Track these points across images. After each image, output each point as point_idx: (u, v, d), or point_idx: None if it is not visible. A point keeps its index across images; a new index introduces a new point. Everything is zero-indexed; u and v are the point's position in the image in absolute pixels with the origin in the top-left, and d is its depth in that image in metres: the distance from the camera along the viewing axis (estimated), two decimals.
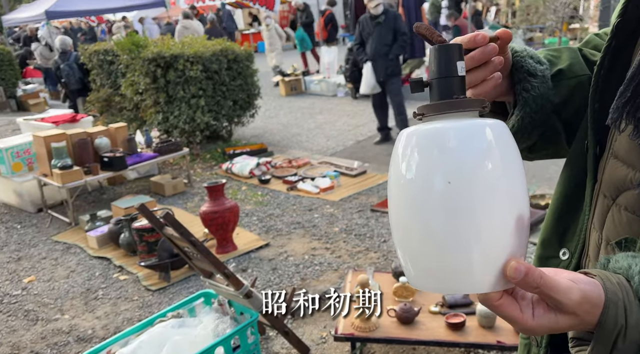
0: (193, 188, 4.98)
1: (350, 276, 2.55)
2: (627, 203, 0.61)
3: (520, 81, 0.71)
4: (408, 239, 0.49)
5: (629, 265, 0.48)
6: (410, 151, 0.49)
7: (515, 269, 0.45)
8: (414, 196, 0.48)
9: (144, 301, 3.08)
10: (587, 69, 0.76)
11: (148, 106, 5.85)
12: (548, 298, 0.46)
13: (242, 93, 6.16)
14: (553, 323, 0.46)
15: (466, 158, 0.46)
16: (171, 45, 5.71)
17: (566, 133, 0.77)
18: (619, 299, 0.46)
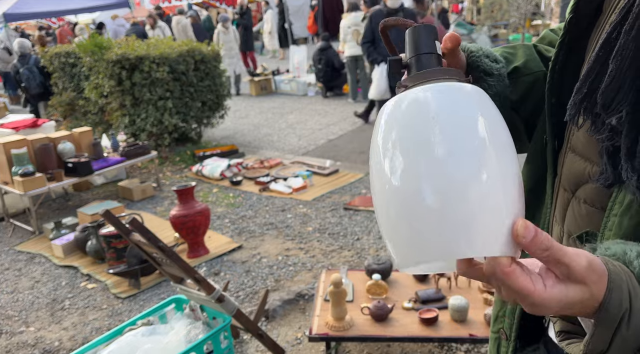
0: (162, 192, 4.89)
1: (324, 275, 2.54)
2: (586, 196, 0.62)
3: (477, 81, 0.71)
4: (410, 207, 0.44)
5: (624, 251, 0.47)
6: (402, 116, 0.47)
7: (525, 228, 0.43)
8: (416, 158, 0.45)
9: (113, 309, 2.99)
10: (542, 65, 0.77)
11: (114, 109, 5.70)
12: (557, 263, 0.44)
13: (210, 94, 6.08)
14: (564, 295, 0.44)
15: (465, 113, 0.45)
16: (136, 46, 5.58)
17: (526, 129, 0.78)
18: (622, 282, 0.44)
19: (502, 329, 0.79)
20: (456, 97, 0.47)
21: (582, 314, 0.45)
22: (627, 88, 0.51)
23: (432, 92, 0.47)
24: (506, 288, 0.44)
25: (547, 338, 0.75)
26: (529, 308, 0.44)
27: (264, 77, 9.83)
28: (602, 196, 0.59)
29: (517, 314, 0.76)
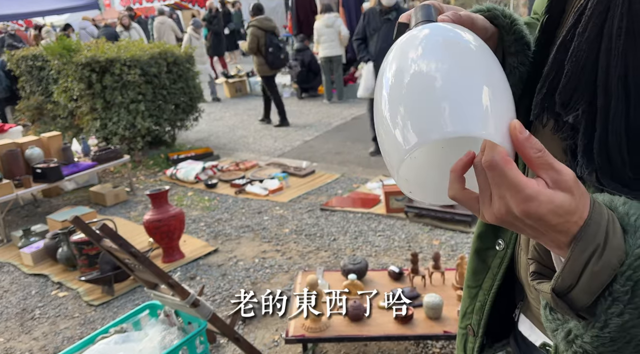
0: (136, 196, 4.81)
1: (300, 277, 2.54)
2: None
3: (518, 54, 0.65)
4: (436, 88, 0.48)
5: (611, 199, 0.48)
6: (415, 40, 0.54)
7: (521, 126, 0.46)
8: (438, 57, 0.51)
9: (85, 317, 2.93)
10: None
11: (84, 113, 5.58)
12: (549, 167, 0.45)
13: (184, 96, 6.01)
14: (555, 197, 0.44)
15: (465, 32, 0.55)
16: (106, 49, 5.48)
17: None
18: (602, 218, 0.45)
19: (470, 326, 0.80)
20: (458, 28, 0.56)
21: (561, 234, 0.45)
22: (583, 87, 0.53)
23: (436, 25, 0.56)
24: (501, 182, 0.44)
25: (516, 331, 0.76)
26: (521, 203, 0.44)
27: (239, 79, 9.77)
28: None
29: (485, 310, 0.78)
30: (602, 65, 0.52)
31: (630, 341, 0.44)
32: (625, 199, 0.47)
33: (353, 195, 4.33)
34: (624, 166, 0.52)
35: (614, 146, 0.51)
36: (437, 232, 3.48)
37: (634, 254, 0.43)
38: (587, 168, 0.54)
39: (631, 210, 0.45)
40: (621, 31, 0.50)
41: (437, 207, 3.52)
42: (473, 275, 0.82)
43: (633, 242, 0.43)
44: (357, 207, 4.03)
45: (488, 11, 0.65)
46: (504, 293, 0.78)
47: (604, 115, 0.52)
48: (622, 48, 0.50)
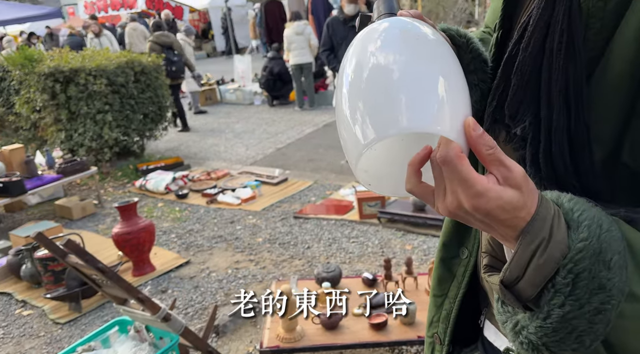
0: (104, 209, 4.69)
1: (274, 286, 2.51)
2: None
3: (477, 71, 0.66)
4: (391, 82, 0.49)
5: (558, 195, 0.49)
6: (374, 33, 0.54)
7: (475, 123, 0.46)
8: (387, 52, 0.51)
9: (52, 336, 2.83)
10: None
11: (48, 124, 5.42)
12: (500, 163, 0.46)
13: (152, 106, 5.91)
14: (504, 194, 0.45)
15: (422, 25, 0.54)
16: (70, 58, 5.34)
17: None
18: (548, 213, 0.46)
19: (437, 334, 0.81)
20: (417, 21, 0.56)
21: (509, 228, 0.46)
22: (529, 100, 0.56)
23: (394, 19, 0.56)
24: (453, 177, 0.45)
25: (483, 337, 0.77)
26: (471, 198, 0.45)
27: (209, 87, 9.69)
28: None
29: (451, 318, 0.78)
30: (545, 79, 0.54)
31: (572, 331, 0.45)
32: (571, 196, 0.49)
33: (326, 202, 4.33)
34: (567, 175, 0.54)
35: (557, 155, 0.54)
36: (409, 237, 3.51)
37: (576, 248, 0.44)
38: (534, 177, 0.56)
39: (576, 206, 0.47)
40: (561, 46, 0.53)
41: (409, 213, 3.55)
42: (438, 284, 0.82)
43: (575, 236, 0.45)
44: (331, 214, 4.03)
45: (443, 32, 0.66)
46: (470, 301, 0.79)
47: (547, 127, 0.54)
48: (563, 62, 0.53)
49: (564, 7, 0.52)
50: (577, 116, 0.53)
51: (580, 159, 0.53)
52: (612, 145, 0.53)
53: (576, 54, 0.52)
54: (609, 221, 0.47)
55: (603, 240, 0.45)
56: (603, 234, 0.45)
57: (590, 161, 0.53)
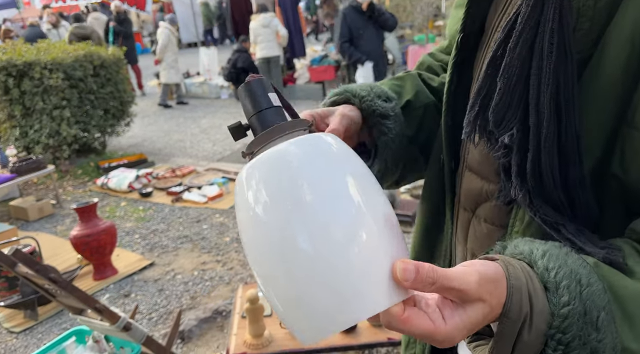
0: (63, 209, 4.49)
1: (240, 290, 2.44)
2: (485, 215, 0.62)
3: (376, 125, 0.69)
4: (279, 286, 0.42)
5: (531, 250, 0.45)
6: (255, 184, 0.43)
7: (404, 270, 0.41)
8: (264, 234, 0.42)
9: (6, 346, 2.68)
10: (430, 95, 0.78)
11: (1, 121, 5.15)
12: (448, 290, 0.41)
13: (113, 101, 5.69)
14: (465, 319, 0.41)
15: (315, 171, 0.42)
16: (24, 51, 5.07)
17: (424, 156, 0.78)
18: (522, 285, 0.42)
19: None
20: (311, 151, 0.44)
21: (488, 323, 0.44)
22: (516, 105, 0.51)
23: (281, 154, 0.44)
24: (411, 334, 0.42)
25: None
26: (436, 344, 0.42)
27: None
28: (502, 214, 0.58)
29: None
30: (534, 83, 0.50)
31: None
32: (544, 249, 0.45)
33: None
34: (555, 188, 0.50)
35: (546, 166, 0.50)
36: None
37: (560, 314, 0.41)
38: (520, 190, 0.52)
39: (550, 263, 0.43)
40: (552, 48, 0.49)
41: None
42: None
43: (556, 300, 0.41)
44: None
45: (340, 95, 0.70)
46: None
47: (536, 135, 0.50)
48: (554, 65, 0.49)
49: (554, 5, 0.48)
50: (568, 123, 0.49)
51: (570, 171, 0.50)
52: (601, 155, 0.50)
53: (567, 56, 0.48)
54: (587, 273, 0.43)
55: (586, 299, 0.42)
56: (584, 292, 0.42)
57: (580, 173, 0.50)
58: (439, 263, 0.73)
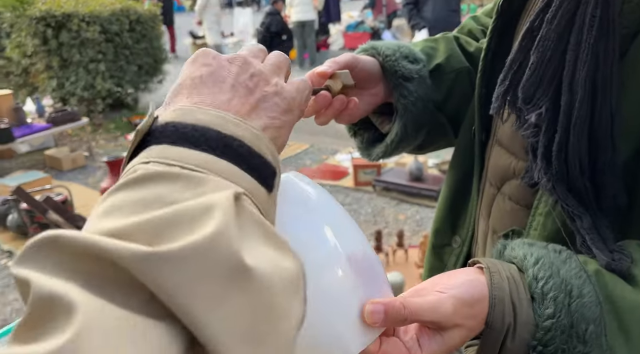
0: (95, 162, 4.60)
1: None
2: (510, 193, 0.59)
3: (397, 87, 0.66)
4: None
5: (524, 255, 0.44)
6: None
7: (372, 313, 0.41)
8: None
9: None
10: (464, 61, 0.74)
11: (39, 71, 5.26)
12: (422, 323, 0.43)
13: (147, 57, 5.73)
14: (442, 345, 0.42)
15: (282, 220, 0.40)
16: (63, 2, 5.12)
17: (452, 126, 0.74)
18: (505, 295, 0.42)
19: None
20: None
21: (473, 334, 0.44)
22: (548, 82, 0.48)
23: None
24: None
25: None
26: None
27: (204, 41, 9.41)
28: (527, 194, 0.56)
29: None
30: (570, 58, 0.46)
31: None
32: (538, 256, 0.44)
33: (322, 167, 4.26)
34: (582, 175, 0.47)
35: (574, 150, 0.47)
36: (403, 207, 3.46)
37: (543, 327, 0.41)
38: (544, 173, 0.49)
39: (540, 272, 0.42)
40: (594, 21, 0.45)
41: (404, 182, 3.50)
42: (429, 273, 0.78)
43: (541, 312, 0.41)
44: (326, 179, 3.97)
45: (366, 51, 0.67)
46: None
47: (567, 115, 0.47)
48: (594, 40, 0.45)
49: None
50: (603, 105, 0.45)
51: (599, 156, 0.47)
52: None
53: (610, 31, 0.44)
54: (580, 283, 0.42)
55: (574, 311, 0.41)
56: (573, 304, 0.41)
57: (611, 160, 0.46)
58: (461, 236, 0.71)
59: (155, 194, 0.28)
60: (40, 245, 0.25)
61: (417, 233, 3.11)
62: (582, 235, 0.47)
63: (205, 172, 0.31)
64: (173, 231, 0.26)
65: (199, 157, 0.31)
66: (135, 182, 0.29)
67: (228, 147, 0.33)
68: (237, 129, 0.34)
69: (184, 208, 0.27)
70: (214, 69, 0.38)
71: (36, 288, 0.23)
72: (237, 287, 0.26)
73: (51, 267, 0.24)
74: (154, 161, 0.31)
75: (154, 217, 0.27)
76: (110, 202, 0.29)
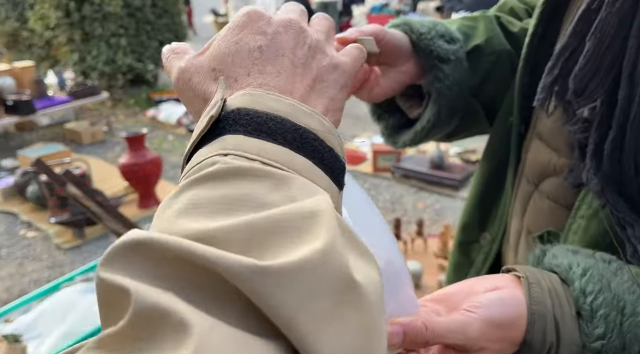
0: (114, 137, 4.61)
1: None
2: (549, 191, 0.54)
3: (431, 69, 0.59)
4: None
5: (569, 265, 0.39)
6: None
7: (390, 334, 0.37)
8: None
9: (54, 260, 2.83)
10: (505, 42, 0.66)
11: (61, 44, 5.26)
12: (446, 345, 0.38)
13: (169, 33, 5.69)
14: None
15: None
16: None
17: (486, 112, 0.67)
18: (547, 311, 0.37)
19: None
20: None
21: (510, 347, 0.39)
22: (605, 72, 0.43)
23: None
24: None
25: None
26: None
27: (227, 19, 9.33)
28: (569, 193, 0.50)
29: None
30: (632, 45, 0.41)
31: None
32: (586, 266, 0.38)
33: None
34: (637, 177, 0.42)
35: (629, 150, 0.42)
36: (422, 195, 3.40)
37: (592, 349, 0.36)
38: (594, 174, 0.44)
39: (589, 285, 0.37)
40: None
41: (425, 170, 3.43)
42: (455, 270, 0.74)
43: (589, 331, 0.37)
44: None
45: (397, 27, 0.60)
46: None
47: (624, 110, 0.41)
48: None
49: None
50: None
51: None
52: None
53: None
54: (635, 299, 0.37)
55: (626, 331, 0.36)
56: (626, 323, 0.36)
57: None
58: (491, 233, 0.66)
59: (240, 194, 0.25)
60: (128, 247, 0.22)
61: (436, 222, 3.05)
62: (633, 244, 0.42)
63: (287, 170, 0.27)
64: (276, 241, 0.23)
65: (279, 152, 0.28)
66: (214, 177, 0.26)
67: (304, 141, 0.29)
68: (310, 120, 0.30)
69: (283, 214, 0.24)
70: (271, 39, 0.33)
71: (139, 298, 0.20)
72: (348, 304, 0.23)
73: (142, 273, 0.22)
74: (232, 154, 0.27)
75: (248, 223, 0.24)
76: (187, 198, 0.26)
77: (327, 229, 0.24)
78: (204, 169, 0.27)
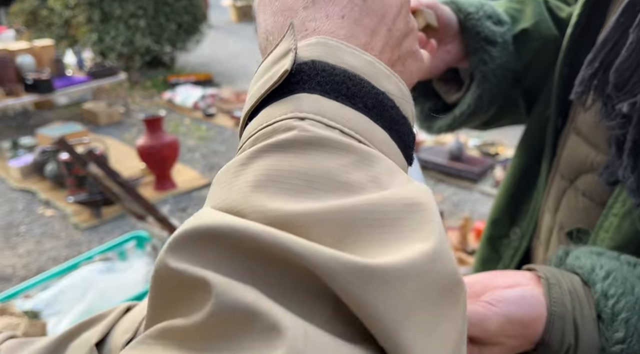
0: (131, 118, 4.62)
1: None
2: (585, 188, 0.52)
3: (477, 51, 0.57)
4: None
5: (592, 267, 0.38)
6: None
7: None
8: None
9: (71, 239, 2.86)
10: (553, 27, 0.62)
11: (80, 24, 5.26)
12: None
13: (187, 16, 5.66)
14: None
15: None
16: None
17: (525, 101, 0.65)
18: (566, 312, 0.37)
19: None
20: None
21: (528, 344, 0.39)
22: None
23: None
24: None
25: None
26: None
27: (247, 2, 9.27)
28: (603, 190, 0.49)
29: None
30: None
31: None
32: (609, 269, 0.37)
33: None
34: None
35: None
36: (440, 187, 3.37)
37: (610, 352, 0.35)
38: (631, 171, 0.42)
39: (612, 288, 0.36)
40: None
41: (443, 161, 3.39)
42: (482, 264, 0.72)
43: (609, 335, 0.36)
44: None
45: (447, 4, 0.57)
46: None
47: None
48: None
49: None
50: None
51: None
52: None
53: None
54: None
55: None
56: None
57: None
58: (522, 228, 0.65)
59: (320, 169, 0.22)
60: (202, 234, 0.20)
61: (453, 215, 3.03)
62: None
63: (367, 144, 0.24)
64: (374, 234, 0.20)
65: (360, 121, 0.25)
66: (291, 146, 0.23)
67: (383, 108, 0.26)
68: (388, 84, 0.26)
69: (378, 202, 0.21)
70: None
71: (221, 293, 0.18)
72: (451, 307, 0.21)
73: (221, 264, 0.19)
74: (310, 118, 0.24)
75: (340, 209, 0.21)
76: (264, 168, 0.22)
77: (434, 227, 0.21)
78: (278, 133, 0.23)
